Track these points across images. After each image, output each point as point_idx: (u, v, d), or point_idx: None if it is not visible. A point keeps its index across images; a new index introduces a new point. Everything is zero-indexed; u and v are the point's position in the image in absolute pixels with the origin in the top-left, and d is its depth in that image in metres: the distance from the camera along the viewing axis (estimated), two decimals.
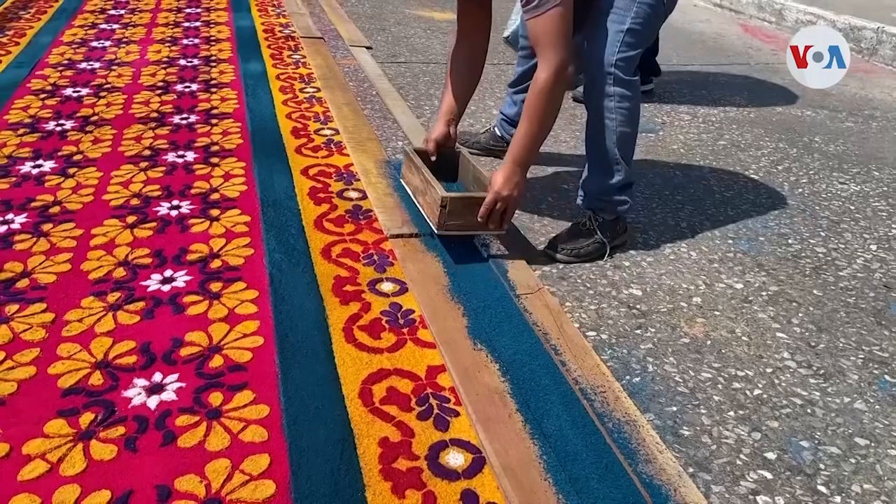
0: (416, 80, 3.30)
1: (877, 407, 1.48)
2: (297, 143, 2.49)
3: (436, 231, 1.84)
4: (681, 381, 1.52)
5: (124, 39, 3.64)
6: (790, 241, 2.13)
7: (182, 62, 3.31)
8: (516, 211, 1.94)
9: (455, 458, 1.25)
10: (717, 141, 2.87)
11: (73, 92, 2.86)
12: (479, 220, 1.80)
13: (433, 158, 2.03)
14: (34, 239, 1.82)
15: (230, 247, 1.83)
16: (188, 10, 4.33)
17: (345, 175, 2.28)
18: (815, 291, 1.88)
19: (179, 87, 2.97)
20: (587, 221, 1.95)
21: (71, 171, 2.20)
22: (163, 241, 1.84)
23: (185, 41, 3.66)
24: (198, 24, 4.03)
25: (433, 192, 1.82)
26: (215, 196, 2.09)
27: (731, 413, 1.44)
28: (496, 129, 2.51)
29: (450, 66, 2.03)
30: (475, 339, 1.55)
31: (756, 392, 1.50)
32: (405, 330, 1.57)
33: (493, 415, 1.34)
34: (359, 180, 2.24)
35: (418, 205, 1.98)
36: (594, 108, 1.87)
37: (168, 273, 1.71)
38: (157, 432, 1.25)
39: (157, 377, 1.38)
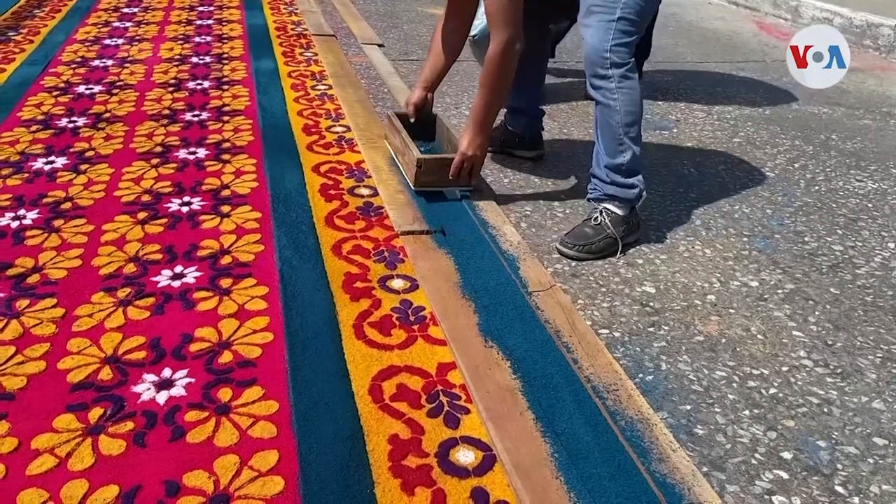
0: None
1: (895, 406, 1.46)
2: (309, 140, 2.49)
3: (413, 187, 2.10)
4: (695, 379, 1.50)
5: (137, 37, 3.65)
6: (806, 238, 2.10)
7: (194, 60, 3.31)
8: (526, 207, 2.07)
9: (465, 456, 1.24)
10: (732, 138, 2.84)
11: (86, 89, 2.87)
12: (450, 177, 2.07)
13: (412, 120, 2.29)
14: (45, 234, 1.82)
15: (240, 243, 1.83)
16: (201, 9, 4.34)
17: (356, 172, 2.27)
18: (831, 290, 1.85)
19: (191, 85, 2.98)
20: (599, 216, 1.94)
21: (83, 167, 2.20)
22: (173, 238, 1.84)
23: (197, 39, 3.67)
24: (210, 21, 4.04)
25: (410, 153, 2.08)
26: (226, 192, 2.08)
27: (746, 412, 1.41)
28: (506, 124, 2.49)
29: (434, 38, 2.25)
30: (486, 337, 1.53)
31: (771, 391, 1.48)
32: (416, 327, 1.56)
33: (504, 412, 1.33)
34: (370, 177, 2.23)
35: (398, 163, 2.26)
36: (598, 93, 1.94)
37: (178, 269, 1.71)
38: (165, 427, 1.25)
39: (167, 372, 1.38)
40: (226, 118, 2.64)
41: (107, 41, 3.55)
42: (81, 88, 2.87)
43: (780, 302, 1.78)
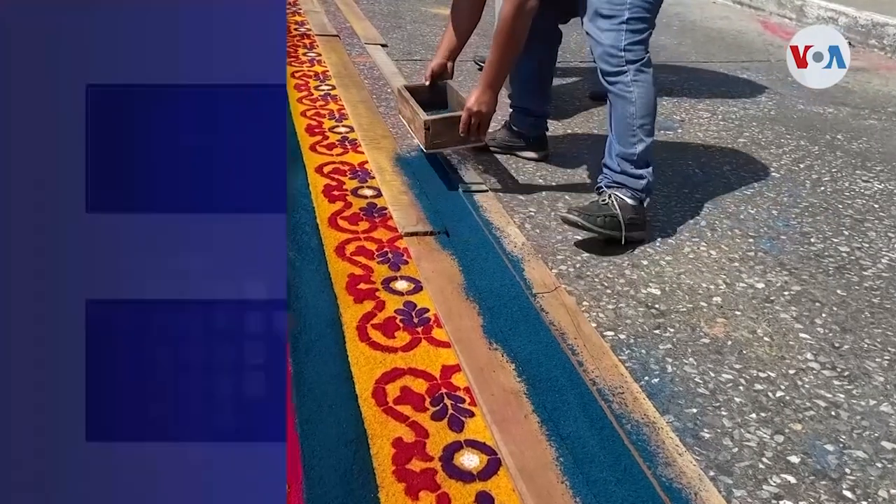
0: None
1: None
2: (312, 140, 2.48)
3: (424, 150, 2.17)
4: (701, 382, 1.49)
5: None
6: (812, 239, 2.08)
7: None
8: (530, 208, 2.05)
9: (470, 460, 1.23)
10: (737, 139, 2.82)
11: None
12: (460, 135, 2.09)
13: (427, 83, 2.33)
14: None
15: None
16: None
17: (359, 173, 2.26)
18: (838, 291, 1.84)
19: None
20: (607, 199, 1.94)
21: None
22: None
23: None
24: None
25: (419, 118, 2.12)
26: None
27: (753, 415, 1.40)
28: (511, 125, 2.48)
29: (453, 7, 2.25)
30: (490, 339, 1.53)
31: (778, 394, 1.47)
32: (420, 329, 1.55)
33: (509, 415, 1.32)
34: (373, 178, 2.22)
35: (410, 132, 2.30)
36: (614, 87, 1.95)
37: None
38: None
39: None
40: None
41: None
42: None
43: (786, 304, 1.77)
